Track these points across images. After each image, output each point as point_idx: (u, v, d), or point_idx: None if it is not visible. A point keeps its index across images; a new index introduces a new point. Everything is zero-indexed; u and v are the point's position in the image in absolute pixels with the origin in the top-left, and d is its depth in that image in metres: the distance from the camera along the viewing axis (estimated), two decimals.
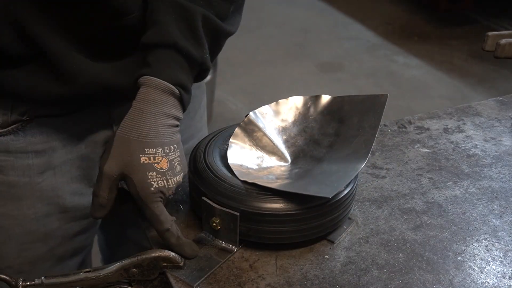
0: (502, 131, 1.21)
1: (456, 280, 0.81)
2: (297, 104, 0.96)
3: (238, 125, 0.93)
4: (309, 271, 0.82)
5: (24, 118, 0.94)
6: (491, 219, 0.95)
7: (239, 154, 0.90)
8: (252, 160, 0.91)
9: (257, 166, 0.90)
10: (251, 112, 0.95)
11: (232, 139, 0.91)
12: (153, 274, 0.80)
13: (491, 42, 1.28)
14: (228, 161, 0.88)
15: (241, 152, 0.91)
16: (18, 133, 0.95)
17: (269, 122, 0.95)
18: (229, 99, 3.38)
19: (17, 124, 0.94)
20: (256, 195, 0.82)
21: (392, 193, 1.00)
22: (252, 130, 0.93)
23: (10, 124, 0.93)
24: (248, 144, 0.92)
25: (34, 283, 0.78)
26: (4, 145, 0.95)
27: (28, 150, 0.97)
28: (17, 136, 0.95)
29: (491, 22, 4.54)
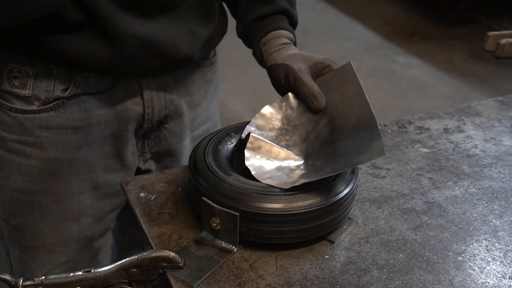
0: (502, 131, 1.21)
1: (456, 280, 0.81)
2: (272, 112, 0.96)
3: (246, 148, 0.92)
4: (309, 271, 0.82)
5: (66, 95, 0.99)
6: (491, 219, 0.95)
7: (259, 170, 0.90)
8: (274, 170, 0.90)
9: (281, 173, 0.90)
10: (249, 128, 0.94)
11: (247, 163, 0.90)
12: (153, 274, 0.80)
13: (491, 42, 1.28)
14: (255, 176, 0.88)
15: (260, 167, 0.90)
16: (58, 110, 1.00)
17: (264, 136, 0.94)
18: (229, 99, 3.38)
19: (58, 101, 0.99)
20: (256, 195, 0.82)
21: (392, 193, 1.00)
22: (259, 146, 0.93)
23: (51, 101, 0.99)
24: (265, 159, 0.92)
25: (34, 283, 0.78)
26: (46, 121, 1.00)
27: (67, 126, 1.01)
28: (57, 112, 1.00)
29: (491, 22, 4.54)
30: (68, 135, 1.02)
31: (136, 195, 0.97)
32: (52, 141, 1.02)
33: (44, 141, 1.01)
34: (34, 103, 0.98)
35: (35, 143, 1.01)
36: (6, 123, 1.00)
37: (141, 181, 1.00)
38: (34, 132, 1.00)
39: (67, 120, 1.01)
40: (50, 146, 1.02)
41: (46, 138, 1.01)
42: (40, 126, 1.00)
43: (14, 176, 1.04)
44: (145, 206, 0.95)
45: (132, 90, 1.04)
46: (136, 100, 1.05)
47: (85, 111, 1.01)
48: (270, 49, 1.00)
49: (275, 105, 0.96)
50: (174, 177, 1.02)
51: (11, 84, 0.98)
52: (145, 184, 1.00)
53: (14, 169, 1.04)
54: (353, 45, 4.25)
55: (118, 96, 1.03)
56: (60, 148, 1.03)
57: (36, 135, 1.00)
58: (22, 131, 1.00)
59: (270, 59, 0.99)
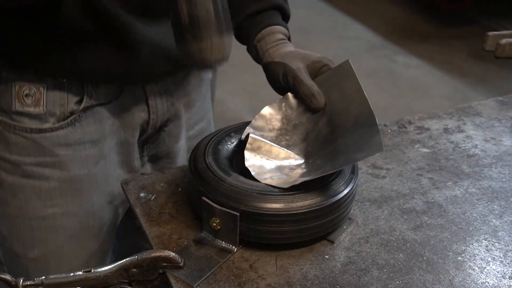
0: (502, 131, 1.21)
1: (456, 280, 0.81)
2: (272, 112, 0.96)
3: (246, 149, 0.92)
4: (309, 271, 0.82)
5: (81, 108, 0.97)
6: (491, 219, 0.95)
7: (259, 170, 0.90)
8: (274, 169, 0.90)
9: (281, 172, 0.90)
10: (248, 129, 0.94)
11: (246, 164, 0.90)
12: (153, 274, 0.80)
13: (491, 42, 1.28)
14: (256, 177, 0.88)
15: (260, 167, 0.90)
16: (74, 125, 0.97)
17: (264, 137, 0.94)
18: (229, 99, 3.38)
19: (74, 115, 0.97)
20: (256, 195, 0.82)
21: (392, 193, 1.00)
22: (259, 146, 0.93)
23: (67, 115, 0.96)
24: (265, 159, 0.92)
25: (34, 283, 0.78)
26: (64, 138, 0.97)
27: (85, 141, 1.00)
28: (74, 127, 0.98)
29: (491, 22, 4.54)
30: (87, 149, 1.00)
31: (136, 195, 0.97)
32: (72, 159, 0.99)
33: (63, 160, 0.98)
34: (49, 120, 0.96)
35: (55, 163, 0.98)
36: (21, 145, 0.97)
37: (141, 181, 1.00)
38: (53, 151, 0.97)
39: (84, 134, 0.99)
40: (70, 164, 0.99)
41: (66, 156, 0.98)
42: (59, 144, 0.97)
43: (33, 202, 1.00)
44: (145, 206, 0.94)
45: (138, 97, 1.04)
46: (142, 107, 1.05)
47: (99, 123, 1.00)
48: (266, 45, 0.99)
49: (274, 106, 0.96)
50: (174, 177, 1.02)
51: (23, 103, 0.94)
52: (145, 184, 0.99)
53: (32, 195, 1.00)
54: (353, 45, 4.24)
55: (124, 104, 1.02)
56: (80, 165, 1.00)
57: (55, 154, 0.98)
58: (40, 152, 0.97)
59: (267, 56, 0.98)
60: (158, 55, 0.96)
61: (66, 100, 0.95)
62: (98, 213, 1.06)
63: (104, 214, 1.08)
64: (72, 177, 1.00)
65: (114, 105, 1.01)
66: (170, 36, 0.93)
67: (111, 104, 1.00)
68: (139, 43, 0.93)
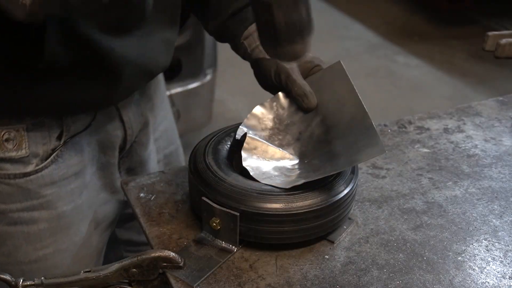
0: (502, 131, 1.21)
1: (456, 280, 0.81)
2: (264, 112, 0.95)
3: (243, 149, 0.91)
4: (309, 271, 0.82)
5: (61, 143, 0.94)
6: (491, 219, 0.94)
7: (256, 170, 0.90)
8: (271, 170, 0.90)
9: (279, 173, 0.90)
10: (243, 128, 0.94)
11: (244, 164, 0.90)
12: (153, 274, 0.80)
13: (491, 42, 1.28)
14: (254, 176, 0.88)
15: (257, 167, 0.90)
16: (57, 161, 0.95)
17: (257, 136, 0.94)
18: (229, 99, 3.38)
19: (56, 151, 0.94)
20: (256, 195, 0.82)
21: (392, 193, 1.00)
22: (255, 146, 0.93)
23: (50, 153, 0.93)
24: (261, 159, 0.92)
25: (34, 283, 0.78)
26: (49, 177, 0.95)
27: (69, 175, 0.97)
28: (57, 164, 0.95)
29: (491, 22, 4.54)
30: (71, 183, 0.98)
31: (136, 195, 0.97)
32: (59, 196, 0.97)
33: (50, 199, 0.96)
34: (32, 162, 0.93)
35: (42, 204, 0.96)
36: (5, 193, 0.93)
37: (141, 181, 1.00)
38: (40, 192, 0.95)
39: (68, 169, 0.96)
40: (57, 202, 0.97)
41: (52, 195, 0.96)
42: (45, 184, 0.95)
43: (23, 248, 0.97)
44: (145, 206, 0.94)
45: (111, 116, 1.01)
46: (117, 125, 1.03)
47: (80, 153, 0.98)
48: (255, 41, 0.96)
49: (266, 105, 0.95)
50: (174, 177, 1.02)
51: (4, 149, 0.90)
52: (145, 184, 0.99)
53: (21, 241, 0.97)
54: (353, 45, 4.24)
55: (100, 126, 1.00)
56: (67, 200, 0.98)
57: (42, 195, 0.95)
58: (26, 196, 0.94)
59: (257, 52, 0.96)
60: (137, 72, 0.95)
61: (48, 138, 0.93)
62: (87, 242, 1.05)
63: (92, 242, 1.07)
64: (60, 214, 0.98)
65: (91, 130, 0.99)
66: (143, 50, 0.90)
67: (87, 129, 0.98)
68: (120, 65, 0.91)
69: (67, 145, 0.95)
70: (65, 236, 1.01)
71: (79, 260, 1.05)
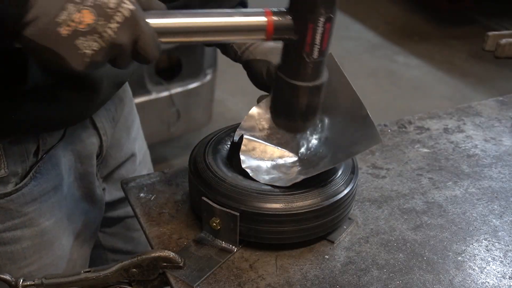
0: (502, 131, 1.21)
1: (456, 280, 0.81)
2: (260, 112, 0.95)
3: (241, 151, 0.91)
4: (309, 271, 0.82)
5: (39, 158, 0.92)
6: (491, 219, 0.94)
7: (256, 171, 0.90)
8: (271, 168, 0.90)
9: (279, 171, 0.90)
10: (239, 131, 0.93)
11: (243, 165, 0.89)
12: (153, 274, 0.80)
13: (491, 42, 1.28)
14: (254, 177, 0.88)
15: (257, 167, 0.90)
16: (36, 177, 0.93)
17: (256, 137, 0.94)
18: (229, 99, 3.38)
19: (35, 168, 0.92)
20: (256, 195, 0.82)
21: (392, 193, 1.00)
22: (253, 147, 0.92)
23: (28, 170, 0.92)
24: (260, 159, 0.92)
25: (34, 283, 0.78)
26: (30, 195, 0.93)
27: (48, 190, 0.96)
28: (36, 180, 0.93)
29: (491, 22, 4.54)
30: (51, 197, 0.96)
31: (136, 195, 0.97)
32: (40, 212, 0.95)
33: (33, 216, 0.94)
34: (11, 181, 0.90)
35: (24, 222, 0.94)
36: None
37: (141, 181, 1.00)
38: (21, 211, 0.93)
39: (47, 183, 0.95)
40: (39, 218, 0.95)
41: (34, 212, 0.94)
42: (26, 202, 0.93)
43: (7, 268, 0.96)
44: (145, 206, 0.94)
45: (84, 125, 1.00)
46: (91, 132, 1.01)
47: (57, 165, 0.96)
48: (245, 43, 0.96)
49: (261, 105, 0.95)
50: (174, 177, 1.02)
51: None
52: (145, 184, 0.99)
53: (5, 261, 0.96)
54: (353, 45, 4.24)
55: (73, 135, 0.98)
56: (48, 215, 0.97)
57: (23, 213, 0.93)
58: (8, 216, 0.92)
59: (247, 54, 0.95)
60: (112, 84, 0.95)
61: (26, 155, 0.90)
62: (68, 255, 1.04)
63: (73, 254, 1.06)
64: (42, 230, 0.97)
65: (66, 141, 0.97)
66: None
67: (61, 141, 0.96)
68: (98, 81, 0.90)
69: (43, 160, 0.93)
70: (49, 251, 0.99)
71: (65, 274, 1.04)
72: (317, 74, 0.78)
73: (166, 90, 2.54)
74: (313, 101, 0.80)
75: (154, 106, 2.51)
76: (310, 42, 0.74)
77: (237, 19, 0.73)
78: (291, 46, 0.76)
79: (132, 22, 0.64)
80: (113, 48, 0.64)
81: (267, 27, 0.73)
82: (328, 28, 0.73)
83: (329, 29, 0.73)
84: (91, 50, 0.63)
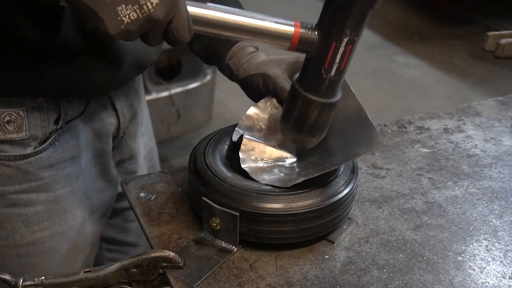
0: (502, 131, 1.21)
1: (456, 280, 0.81)
2: (258, 112, 0.95)
3: (240, 151, 0.91)
4: (309, 271, 0.82)
5: (59, 127, 0.96)
6: (491, 219, 0.95)
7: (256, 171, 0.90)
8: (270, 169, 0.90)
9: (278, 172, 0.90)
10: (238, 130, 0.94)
11: (242, 165, 0.89)
12: (153, 274, 0.80)
13: (491, 42, 1.28)
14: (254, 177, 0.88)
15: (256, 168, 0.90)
16: (55, 144, 0.96)
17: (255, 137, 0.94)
18: (229, 99, 3.38)
19: (54, 135, 0.96)
20: (256, 195, 0.82)
21: (392, 193, 1.00)
22: (253, 147, 0.93)
23: (48, 136, 0.95)
24: (259, 160, 0.92)
25: (34, 283, 0.78)
26: (48, 160, 0.96)
27: (66, 158, 0.99)
28: (55, 147, 0.97)
29: (491, 22, 4.54)
30: (68, 167, 1.00)
31: (136, 195, 0.97)
32: (56, 179, 0.99)
33: (49, 181, 0.98)
34: (31, 144, 0.94)
35: (40, 186, 0.98)
36: (5, 175, 0.95)
37: (141, 181, 1.00)
38: (38, 174, 0.96)
39: (65, 152, 0.98)
40: (55, 185, 0.99)
41: (50, 177, 0.98)
42: (44, 166, 0.96)
43: (20, 230, 0.99)
44: (145, 206, 0.95)
45: (105, 104, 1.03)
46: (110, 113, 1.05)
47: (76, 138, 0.99)
48: (239, 61, 0.97)
49: (259, 106, 0.95)
50: (174, 177, 1.02)
51: (5, 130, 0.91)
52: (145, 184, 1.00)
53: (19, 223, 0.99)
54: None
55: (94, 113, 1.02)
56: (64, 183, 1.00)
57: (40, 177, 0.97)
58: (25, 178, 0.96)
59: (242, 71, 0.96)
60: (134, 63, 0.97)
61: (47, 121, 0.94)
62: (81, 228, 1.07)
63: (86, 228, 1.08)
64: (57, 197, 1.00)
65: (86, 116, 1.00)
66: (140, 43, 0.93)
67: (82, 116, 0.99)
68: (122, 55, 0.93)
69: (63, 129, 0.97)
70: (61, 219, 1.02)
71: (74, 245, 1.07)
72: (331, 92, 0.79)
73: (166, 90, 2.54)
74: (323, 118, 0.82)
75: (154, 106, 2.52)
76: (330, 59, 0.76)
77: (267, 24, 0.76)
78: (312, 60, 0.78)
79: (172, 1, 0.67)
80: (148, 21, 0.67)
81: (293, 37, 0.76)
82: (350, 49, 0.76)
83: (350, 50, 0.76)
84: (129, 18, 0.65)
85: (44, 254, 1.03)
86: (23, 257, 1.02)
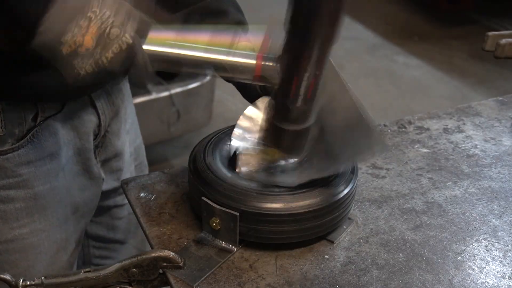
0: (502, 131, 1.21)
1: (456, 280, 0.81)
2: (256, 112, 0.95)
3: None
4: (309, 271, 0.82)
5: (37, 123, 0.95)
6: (491, 219, 0.95)
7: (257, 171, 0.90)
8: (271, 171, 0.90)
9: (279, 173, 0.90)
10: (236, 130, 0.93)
11: (243, 166, 0.89)
12: (153, 274, 0.80)
13: (491, 42, 1.28)
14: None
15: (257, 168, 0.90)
16: (33, 141, 0.96)
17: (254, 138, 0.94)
18: (229, 99, 3.38)
19: (32, 132, 0.95)
20: (256, 195, 0.82)
21: (392, 193, 1.00)
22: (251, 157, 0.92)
23: (25, 133, 0.95)
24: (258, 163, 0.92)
25: (34, 283, 0.78)
26: (25, 156, 0.96)
27: (44, 155, 0.99)
28: (33, 144, 0.97)
29: (491, 22, 4.54)
30: (47, 164, 1.00)
31: (136, 195, 0.97)
32: (35, 176, 0.98)
33: (27, 178, 0.98)
34: (8, 141, 0.94)
35: (19, 183, 0.98)
36: None
37: (141, 181, 1.01)
38: (16, 171, 0.96)
39: (43, 149, 0.98)
40: (34, 181, 0.99)
41: (29, 174, 0.98)
42: (22, 163, 0.96)
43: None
44: (145, 206, 0.95)
45: (83, 102, 1.03)
46: (89, 111, 1.04)
47: (55, 135, 0.99)
48: None
49: (258, 105, 0.95)
50: (174, 177, 1.02)
51: None
52: (145, 184, 1.00)
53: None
54: (353, 45, 4.24)
55: (72, 111, 1.01)
56: (43, 180, 1.00)
57: (18, 174, 0.97)
58: (3, 175, 0.96)
59: None
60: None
61: (24, 118, 0.94)
62: (63, 226, 1.06)
63: (69, 226, 1.08)
64: (36, 194, 1.00)
65: (64, 114, 1.00)
66: None
67: (60, 113, 0.99)
68: None
69: (41, 126, 0.96)
70: (41, 216, 1.02)
71: (56, 243, 1.06)
72: (302, 119, 0.80)
73: (166, 90, 2.54)
74: (297, 142, 0.83)
75: (154, 106, 2.52)
76: (295, 91, 0.76)
77: (229, 58, 0.78)
78: (278, 91, 0.79)
79: (127, 54, 0.71)
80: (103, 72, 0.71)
81: (255, 69, 0.78)
82: (313, 83, 0.75)
83: (313, 84, 0.75)
84: (85, 71, 0.71)
85: (23, 251, 1.03)
86: (2, 254, 1.02)
